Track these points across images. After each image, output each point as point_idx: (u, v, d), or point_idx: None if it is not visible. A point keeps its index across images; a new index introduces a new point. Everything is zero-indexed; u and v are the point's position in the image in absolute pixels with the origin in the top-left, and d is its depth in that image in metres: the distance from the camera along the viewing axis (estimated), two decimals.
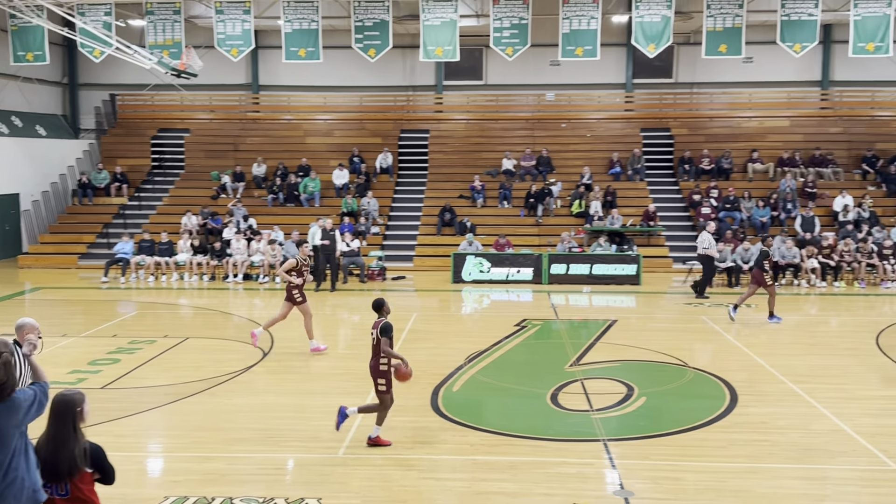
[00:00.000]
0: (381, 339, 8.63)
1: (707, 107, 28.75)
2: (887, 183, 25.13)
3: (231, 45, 22.93)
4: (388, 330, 8.69)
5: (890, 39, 21.15)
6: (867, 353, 13.35)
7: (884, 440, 8.94)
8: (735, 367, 12.28)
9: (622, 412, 10.17)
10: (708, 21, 21.68)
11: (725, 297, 18.82)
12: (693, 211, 24.53)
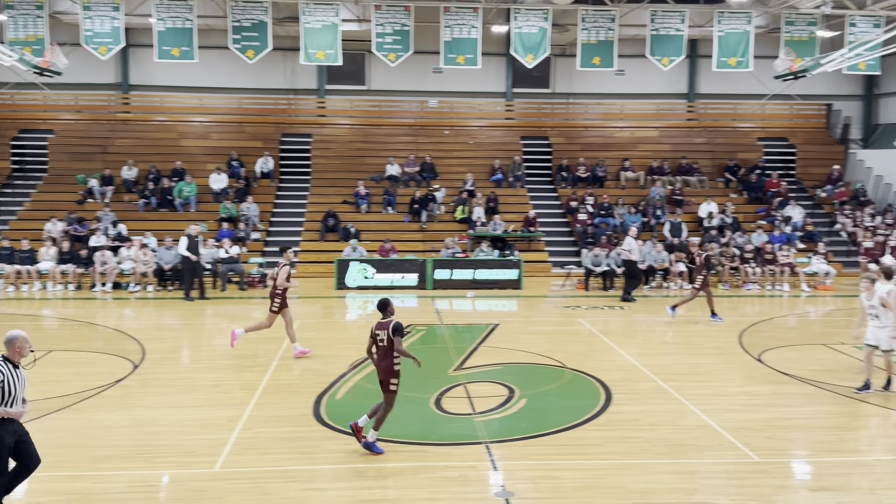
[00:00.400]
0: (395, 338, 8.58)
1: (582, 117, 29.76)
2: (748, 191, 26.77)
3: (99, 43, 21.83)
4: (401, 329, 8.67)
5: (750, 55, 22.57)
6: (731, 351, 14.13)
7: (746, 434, 9.47)
8: (610, 367, 12.71)
9: (504, 414, 10.32)
10: (582, 34, 22.45)
11: (602, 301, 19.51)
12: (571, 217, 25.31)
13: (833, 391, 11.37)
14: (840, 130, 29.76)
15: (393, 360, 8.67)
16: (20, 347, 6.74)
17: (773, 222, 24.46)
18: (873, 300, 10.91)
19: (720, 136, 29.23)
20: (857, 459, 8.88)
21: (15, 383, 6.62)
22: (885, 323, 10.82)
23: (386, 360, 8.72)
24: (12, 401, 6.61)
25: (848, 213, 25.67)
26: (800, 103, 29.49)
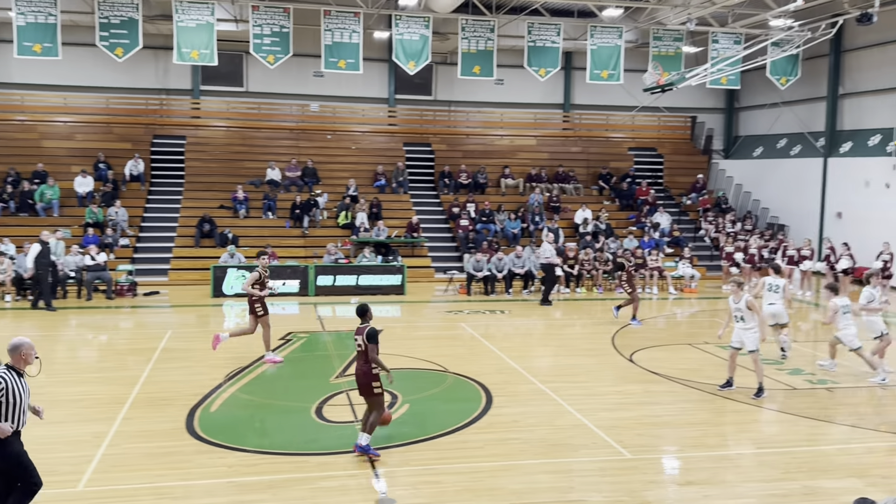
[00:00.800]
0: (370, 345, 8.69)
1: (464, 124, 30.17)
2: (620, 198, 27.89)
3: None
4: (376, 336, 8.76)
5: (621, 68, 23.53)
6: (605, 352, 14.64)
7: (619, 432, 9.81)
8: (491, 370, 12.89)
9: None
10: (463, 43, 22.75)
11: (483, 305, 19.78)
12: (453, 223, 25.57)
13: (698, 389, 11.97)
14: (703, 141, 31.51)
15: (371, 364, 8.76)
16: (26, 355, 6.51)
17: (642, 228, 25.59)
18: (740, 303, 11.54)
19: (594, 146, 30.32)
20: (722, 454, 9.36)
21: (20, 392, 6.41)
22: (750, 325, 11.49)
23: (364, 365, 8.81)
24: (17, 411, 6.40)
25: (711, 219, 27.19)
26: (667, 115, 31.05)
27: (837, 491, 7.97)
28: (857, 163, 24.59)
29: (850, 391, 12.05)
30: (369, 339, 8.73)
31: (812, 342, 16.33)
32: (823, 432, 10.09)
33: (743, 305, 11.45)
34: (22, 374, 6.50)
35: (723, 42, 24.25)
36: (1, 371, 6.42)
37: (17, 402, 6.39)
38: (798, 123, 27.59)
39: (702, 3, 21.55)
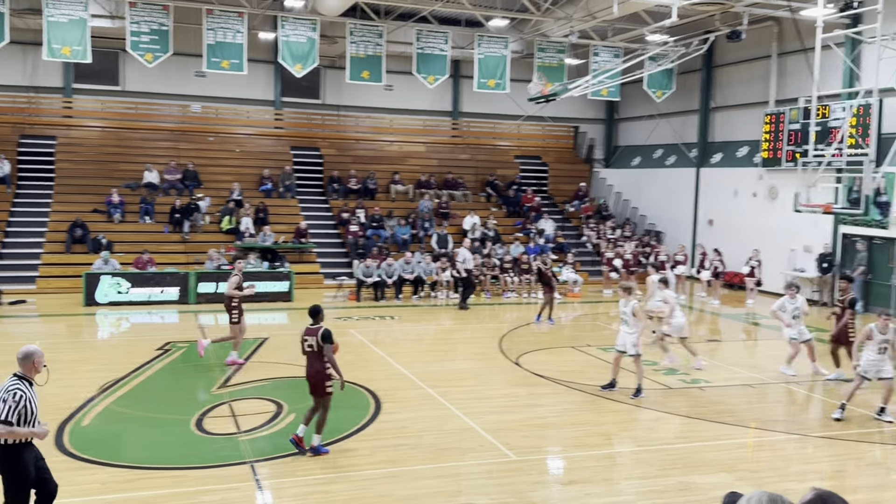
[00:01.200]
0: (326, 346, 8.90)
1: (353, 129, 29.96)
2: (506, 205, 28.42)
3: None
4: (331, 336, 8.95)
5: (507, 78, 23.97)
6: (492, 356, 14.84)
7: (506, 434, 9.95)
8: (380, 376, 12.82)
9: (271, 431, 10.01)
10: (351, 47, 22.59)
11: (373, 311, 19.67)
12: (343, 229, 25.32)
13: (581, 390, 12.31)
14: (585, 151, 32.57)
15: (324, 363, 8.96)
16: (37, 363, 6.44)
17: (528, 234, 26.17)
18: (626, 308, 11.97)
19: (482, 153, 30.77)
20: (603, 453, 9.65)
21: (33, 401, 6.29)
22: (633, 329, 11.93)
23: (316, 365, 9.01)
24: (33, 421, 6.26)
25: (593, 226, 28.11)
26: (551, 125, 31.91)
27: (709, 486, 8.36)
28: (726, 173, 26.02)
29: (721, 389, 12.69)
30: (325, 339, 8.91)
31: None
32: (696, 429, 10.57)
33: (629, 310, 11.89)
34: (32, 383, 6.38)
35: (603, 55, 25.15)
36: (13, 382, 6.29)
37: (33, 411, 6.28)
38: (673, 135, 28.94)
39: (583, 17, 22.28)
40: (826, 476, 9.11)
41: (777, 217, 23.40)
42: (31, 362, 6.38)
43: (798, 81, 23.03)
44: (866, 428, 10.80)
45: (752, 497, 2.34)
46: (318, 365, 8.99)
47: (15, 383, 6.26)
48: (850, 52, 20.22)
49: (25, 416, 6.21)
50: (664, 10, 21.01)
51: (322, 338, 8.93)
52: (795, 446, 10.06)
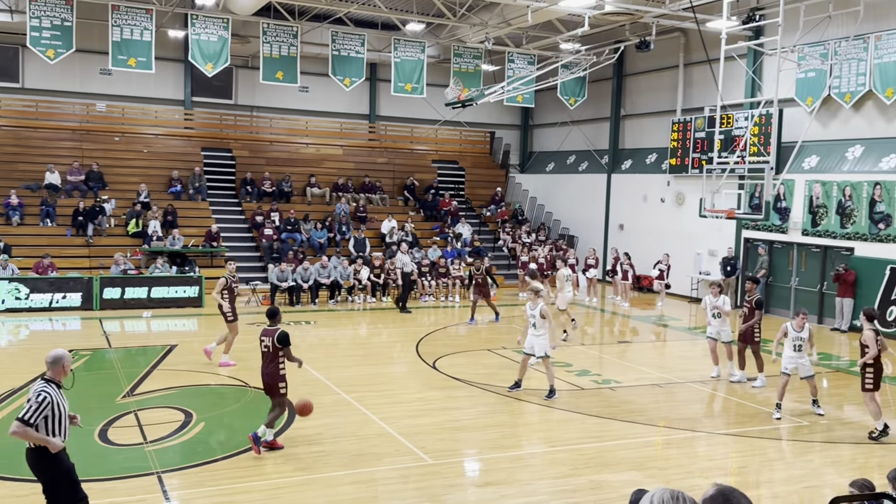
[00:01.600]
0: (285, 349, 9.19)
1: (267, 131, 29.44)
2: (424, 209, 28.46)
3: None
4: (287, 338, 9.23)
5: (424, 82, 24.03)
6: (409, 360, 14.82)
7: (421, 438, 9.93)
8: (294, 382, 12.49)
9: (179, 440, 9.71)
10: (264, 47, 22.20)
11: (288, 316, 19.33)
12: (256, 232, 24.83)
13: (496, 392, 12.41)
14: (501, 156, 32.96)
15: (278, 364, 9.21)
16: (66, 367, 6.49)
17: (445, 238, 26.27)
18: (535, 311, 12.13)
19: (399, 157, 30.73)
20: (517, 454, 9.75)
21: (62, 405, 6.32)
22: (541, 332, 12.10)
23: (271, 366, 9.23)
24: (62, 425, 6.31)
25: (509, 230, 28.46)
26: (468, 130, 32.16)
27: (620, 484, 8.55)
28: (636, 179, 26.78)
29: (631, 389, 13.02)
30: (282, 342, 9.18)
31: (598, 345, 17.49)
32: (608, 429, 10.80)
33: (537, 313, 12.05)
34: (60, 387, 6.41)
35: (518, 62, 25.52)
36: (42, 385, 6.31)
37: (61, 415, 6.31)
38: (585, 141, 29.60)
39: (498, 24, 22.54)
40: (730, 472, 9.45)
41: (684, 222, 24.23)
42: (61, 366, 6.44)
43: (704, 91, 23.92)
44: (767, 425, 11.27)
45: (655, 494, 2.38)
46: (273, 367, 9.23)
47: (43, 387, 6.30)
48: (752, 63, 21.14)
49: (52, 419, 6.23)
50: (576, 20, 21.50)
51: (278, 339, 9.17)
52: (701, 443, 10.40)
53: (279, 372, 9.23)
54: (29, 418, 6.12)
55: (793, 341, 11.35)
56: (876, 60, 18.69)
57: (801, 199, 20.61)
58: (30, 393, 6.31)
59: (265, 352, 9.33)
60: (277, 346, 9.19)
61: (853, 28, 18.12)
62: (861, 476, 7.21)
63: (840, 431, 10.97)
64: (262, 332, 9.50)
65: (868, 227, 18.91)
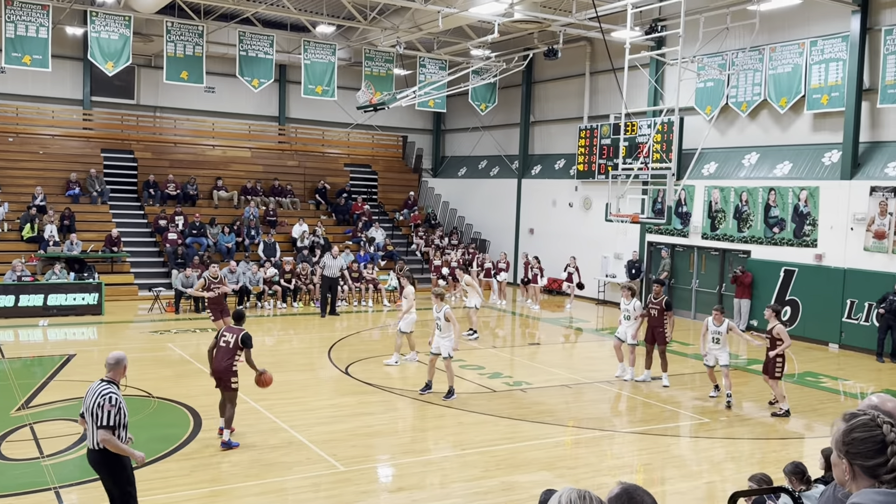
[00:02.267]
0: (247, 350, 9.63)
1: (171, 132, 28.57)
2: (336, 213, 28.19)
3: None
4: (250, 340, 9.69)
5: (335, 85, 23.80)
6: (321, 366, 14.63)
7: (333, 445, 9.82)
8: (199, 392, 12.23)
9: (78, 454, 9.25)
10: (168, 46, 21.53)
11: (193, 323, 18.80)
12: (159, 237, 24.04)
13: (409, 397, 12.40)
14: (414, 160, 33.01)
15: (233, 361, 9.55)
16: (125, 367, 6.65)
17: (358, 243, 26.10)
18: (440, 313, 12.25)
19: (310, 160, 30.34)
20: (429, 458, 9.75)
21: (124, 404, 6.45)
22: (446, 334, 12.22)
23: (227, 361, 9.56)
24: (126, 423, 6.43)
25: (422, 234, 28.51)
26: (380, 134, 32.07)
27: (531, 484, 8.67)
28: (545, 184, 27.29)
29: (541, 391, 13.24)
30: (245, 342, 9.57)
31: (509, 347, 17.72)
32: (519, 430, 10.94)
33: (442, 315, 12.20)
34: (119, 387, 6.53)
35: (430, 67, 25.62)
36: (106, 386, 6.39)
37: (125, 415, 6.41)
38: (496, 147, 29.98)
39: (409, 29, 22.58)
40: (636, 469, 9.72)
41: (591, 226, 24.83)
42: (122, 367, 6.58)
43: (609, 99, 24.61)
44: (671, 422, 11.66)
45: (563, 494, 2.41)
46: (228, 362, 9.57)
47: (108, 388, 6.38)
48: (655, 72, 21.88)
49: (121, 420, 6.34)
50: (487, 26, 21.76)
51: (242, 340, 9.60)
52: (609, 442, 10.67)
53: (232, 367, 9.57)
54: (111, 423, 6.24)
55: (712, 335, 12.56)
56: (771, 71, 19.65)
57: (700, 204, 21.45)
58: (92, 398, 6.32)
59: (224, 346, 9.68)
60: (239, 346, 9.59)
61: (749, 40, 19.00)
62: (759, 470, 7.55)
63: (739, 427, 11.45)
64: (224, 329, 9.95)
65: (763, 231, 19.85)
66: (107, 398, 6.26)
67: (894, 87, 17.10)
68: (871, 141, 18.02)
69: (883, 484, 2.47)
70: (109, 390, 6.33)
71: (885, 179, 17.28)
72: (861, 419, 2.55)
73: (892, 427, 2.51)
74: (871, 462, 2.49)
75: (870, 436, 2.50)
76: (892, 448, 2.47)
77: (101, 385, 6.38)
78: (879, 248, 17.26)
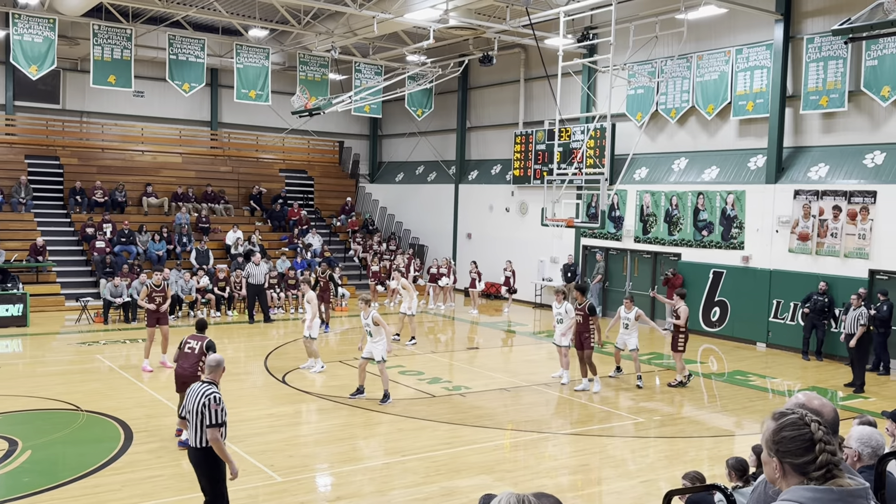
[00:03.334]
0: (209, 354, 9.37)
1: (99, 137, 27.76)
2: (272, 219, 27.81)
3: None
4: (214, 346, 10.10)
5: (269, 89, 23.49)
6: (257, 375, 14.38)
7: (270, 455, 9.66)
8: (130, 404, 11.92)
9: (3, 471, 8.91)
10: (95, 50, 20.91)
11: (123, 334, 18.29)
12: (87, 245, 23.30)
13: (348, 405, 12.30)
14: (351, 166, 32.82)
15: (197, 365, 9.81)
16: (223, 370, 7.05)
17: (295, 249, 25.79)
18: (367, 319, 12.25)
19: (244, 166, 29.87)
20: (369, 465, 9.69)
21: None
22: (377, 339, 12.21)
23: (192, 367, 9.92)
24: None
25: (359, 240, 28.35)
26: (316, 139, 31.79)
27: (470, 488, 8.69)
28: (482, 189, 27.47)
29: (480, 395, 13.29)
30: (209, 348, 9.95)
31: (449, 352, 17.75)
32: (458, 435, 10.96)
33: (370, 321, 12.20)
34: None
35: (365, 72, 25.52)
36: (210, 388, 6.76)
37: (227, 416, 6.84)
38: (433, 152, 30.04)
39: (344, 34, 22.45)
40: (573, 470, 9.84)
41: (527, 230, 25.10)
42: (221, 369, 7.00)
43: (544, 105, 24.93)
44: (607, 423, 11.85)
45: (501, 499, 2.41)
46: (193, 368, 9.90)
47: (211, 388, 6.78)
48: (588, 79, 22.27)
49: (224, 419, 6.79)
50: (422, 32, 21.81)
51: (207, 346, 10.04)
52: (547, 444, 10.78)
53: (197, 372, 9.68)
54: (217, 421, 6.64)
55: (623, 321, 14.11)
56: (698, 79, 20.21)
57: (633, 209, 21.90)
58: (197, 398, 6.69)
59: (189, 352, 10.19)
60: (205, 352, 9.94)
61: (678, 48, 19.50)
62: (693, 468, 7.73)
63: (673, 426, 11.71)
64: (188, 336, 10.43)
65: (693, 234, 20.38)
66: (211, 398, 6.68)
67: (816, 93, 17.79)
68: (794, 146, 18.69)
69: (812, 481, 2.54)
70: (213, 391, 6.76)
71: (807, 183, 17.94)
72: (790, 418, 2.62)
73: (820, 425, 2.59)
74: (800, 460, 2.56)
75: (798, 434, 2.57)
76: (819, 446, 2.55)
77: (203, 386, 6.81)
78: (803, 250, 17.91)
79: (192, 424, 6.78)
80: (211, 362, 7.02)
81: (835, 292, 16.90)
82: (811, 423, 2.58)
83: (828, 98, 17.58)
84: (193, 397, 6.77)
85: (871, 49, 16.74)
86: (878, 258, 16.58)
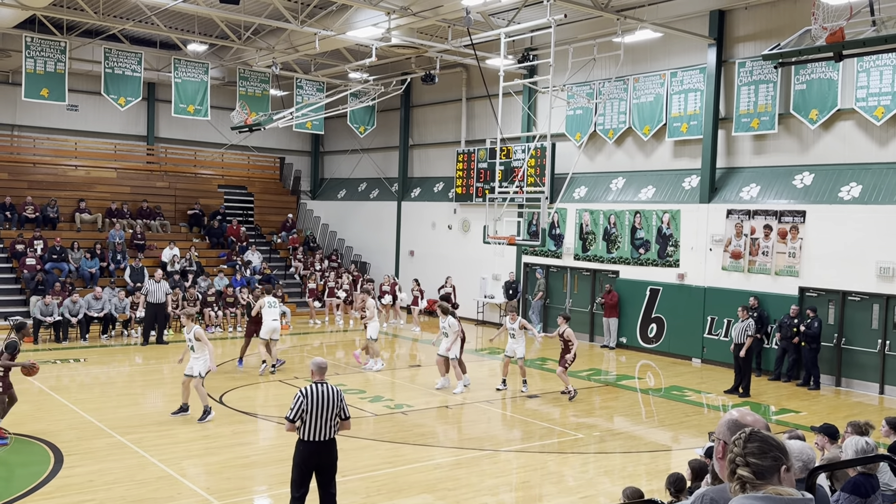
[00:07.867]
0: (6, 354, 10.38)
1: (30, 151, 26.93)
2: (210, 236, 27.32)
3: None
4: (11, 347, 10.49)
5: (208, 104, 23.14)
6: (193, 395, 14.02)
7: (206, 478, 9.44)
8: (61, 426, 11.51)
9: None
10: (28, 62, 20.32)
11: (55, 353, 17.68)
12: (16, 262, 22.52)
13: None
14: (292, 182, 32.53)
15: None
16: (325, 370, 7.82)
17: (234, 266, 25.36)
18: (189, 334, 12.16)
19: (182, 182, 29.32)
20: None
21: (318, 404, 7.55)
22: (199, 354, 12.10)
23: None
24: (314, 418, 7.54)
25: (301, 257, 28.06)
26: (256, 155, 31.45)
27: None
28: (425, 207, 27.52)
29: (422, 413, 13.25)
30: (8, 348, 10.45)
31: (390, 370, 17.65)
32: (400, 454, 10.90)
33: (192, 336, 12.11)
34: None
35: (307, 88, 25.38)
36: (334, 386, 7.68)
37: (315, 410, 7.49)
38: (376, 169, 30.00)
39: (285, 50, 22.31)
40: (514, 487, 9.87)
41: (470, 248, 25.22)
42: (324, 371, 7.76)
43: (485, 124, 25.17)
44: (547, 439, 11.93)
45: None
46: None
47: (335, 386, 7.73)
48: (528, 99, 22.58)
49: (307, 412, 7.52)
50: (364, 50, 21.82)
51: (6, 347, 10.43)
52: (488, 461, 10.79)
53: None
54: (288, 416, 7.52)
55: (509, 331, 14.84)
56: (634, 101, 20.70)
57: (572, 227, 22.23)
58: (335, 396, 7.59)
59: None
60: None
61: (615, 71, 19.93)
62: (631, 483, 7.83)
63: (611, 442, 11.86)
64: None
65: (630, 252, 20.77)
66: (341, 392, 7.69)
67: (747, 116, 18.39)
68: (727, 167, 19.25)
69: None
70: (337, 387, 7.71)
71: (740, 203, 18.49)
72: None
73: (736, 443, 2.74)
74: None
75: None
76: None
77: (329, 386, 7.58)
78: (736, 268, 18.41)
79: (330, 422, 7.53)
80: (322, 365, 7.78)
81: (767, 309, 17.41)
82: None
83: (759, 120, 18.18)
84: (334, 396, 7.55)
85: (799, 73, 17.40)
86: (807, 276, 17.15)
